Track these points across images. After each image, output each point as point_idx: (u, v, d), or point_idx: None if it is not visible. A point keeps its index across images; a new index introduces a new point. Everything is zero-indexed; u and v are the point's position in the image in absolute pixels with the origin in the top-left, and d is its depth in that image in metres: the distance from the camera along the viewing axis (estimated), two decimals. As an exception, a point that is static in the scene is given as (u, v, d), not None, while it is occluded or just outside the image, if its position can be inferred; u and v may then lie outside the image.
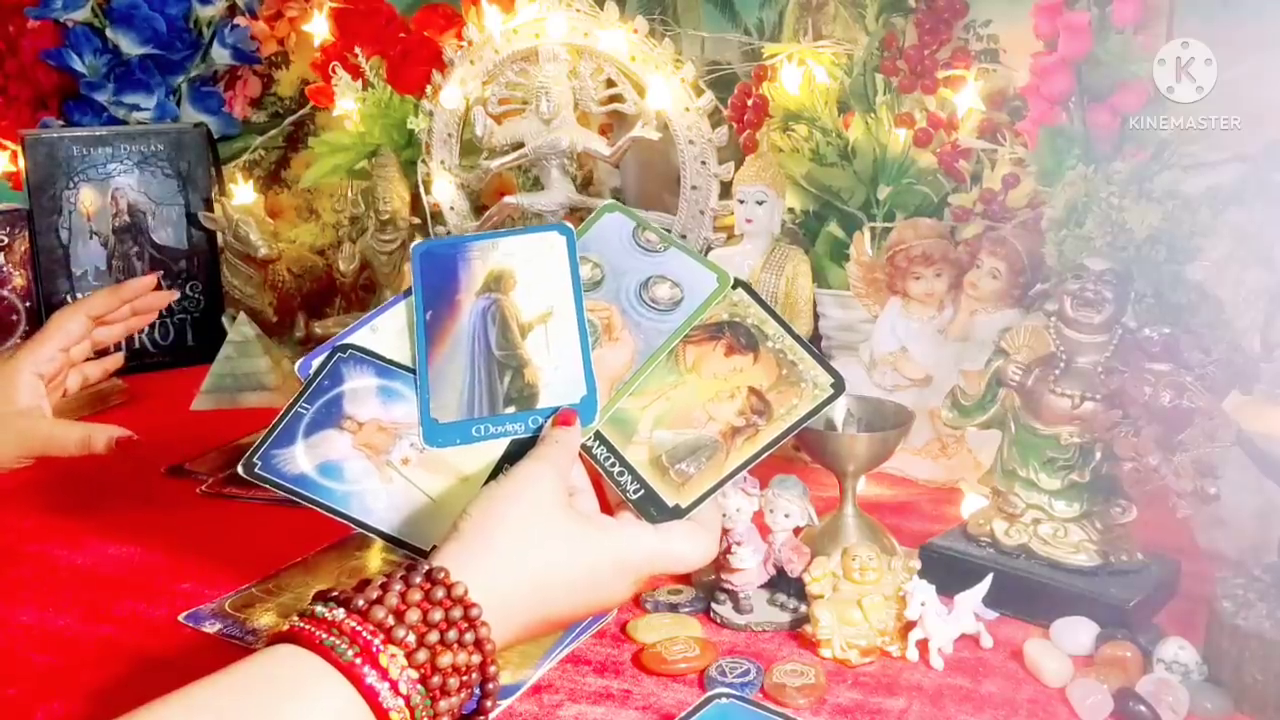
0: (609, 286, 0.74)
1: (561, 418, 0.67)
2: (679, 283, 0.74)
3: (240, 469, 0.68)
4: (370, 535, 0.67)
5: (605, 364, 0.70)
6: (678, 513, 0.65)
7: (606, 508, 0.66)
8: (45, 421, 0.90)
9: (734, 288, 0.74)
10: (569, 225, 0.75)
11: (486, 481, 0.66)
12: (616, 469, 0.67)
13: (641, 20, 1.13)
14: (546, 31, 1.16)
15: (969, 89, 1.13)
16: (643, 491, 0.66)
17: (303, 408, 0.70)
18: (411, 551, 0.66)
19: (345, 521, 0.67)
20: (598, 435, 0.68)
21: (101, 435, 0.88)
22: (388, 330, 0.73)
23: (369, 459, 0.68)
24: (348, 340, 0.72)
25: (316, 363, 0.71)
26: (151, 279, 1.02)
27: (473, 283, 0.73)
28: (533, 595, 0.57)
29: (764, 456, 0.67)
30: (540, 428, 0.67)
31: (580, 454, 0.66)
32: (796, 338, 0.72)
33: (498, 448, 0.68)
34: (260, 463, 0.68)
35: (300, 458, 0.68)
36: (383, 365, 0.71)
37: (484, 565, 0.55)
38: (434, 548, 0.58)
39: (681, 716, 0.64)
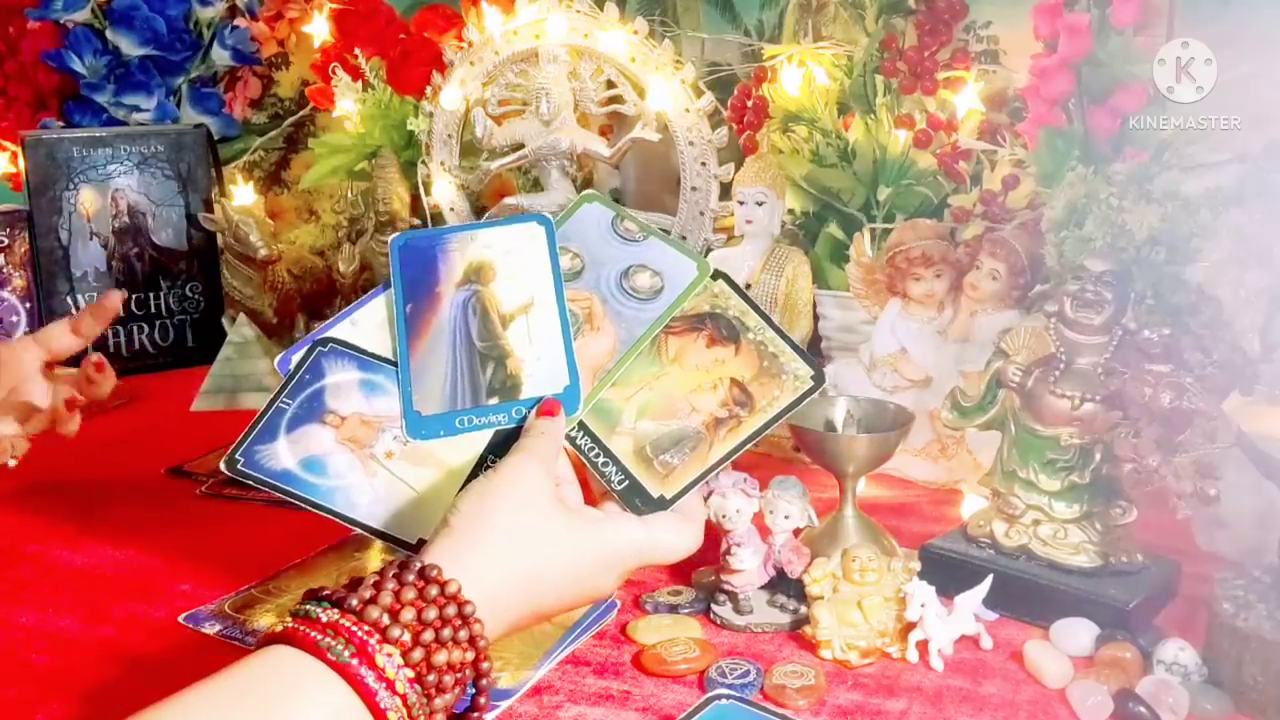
0: (589, 276, 0.74)
1: (545, 408, 0.66)
2: (659, 271, 0.74)
3: (223, 465, 0.67)
4: (359, 531, 0.67)
5: (587, 353, 0.70)
6: (663, 504, 0.65)
7: (590, 497, 0.66)
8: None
9: (714, 279, 0.74)
10: (548, 215, 0.75)
11: (471, 472, 0.66)
12: (601, 459, 0.67)
13: (641, 21, 1.13)
14: (546, 32, 1.16)
15: (969, 90, 1.13)
16: (627, 482, 0.66)
17: (284, 403, 0.69)
18: (397, 545, 0.66)
19: (330, 516, 0.67)
20: (581, 425, 0.68)
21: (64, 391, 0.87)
22: (368, 323, 0.72)
23: (352, 453, 0.68)
24: (328, 334, 0.72)
25: (297, 357, 0.71)
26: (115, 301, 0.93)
27: (452, 274, 0.73)
28: (522, 589, 0.57)
29: (747, 448, 0.67)
30: (524, 418, 0.67)
31: (564, 444, 0.66)
32: (777, 330, 0.72)
33: (481, 439, 0.68)
34: (243, 459, 0.67)
35: (283, 453, 0.68)
36: (364, 359, 0.71)
37: (475, 561, 0.55)
38: (420, 541, 0.58)
39: (681, 718, 0.64)
